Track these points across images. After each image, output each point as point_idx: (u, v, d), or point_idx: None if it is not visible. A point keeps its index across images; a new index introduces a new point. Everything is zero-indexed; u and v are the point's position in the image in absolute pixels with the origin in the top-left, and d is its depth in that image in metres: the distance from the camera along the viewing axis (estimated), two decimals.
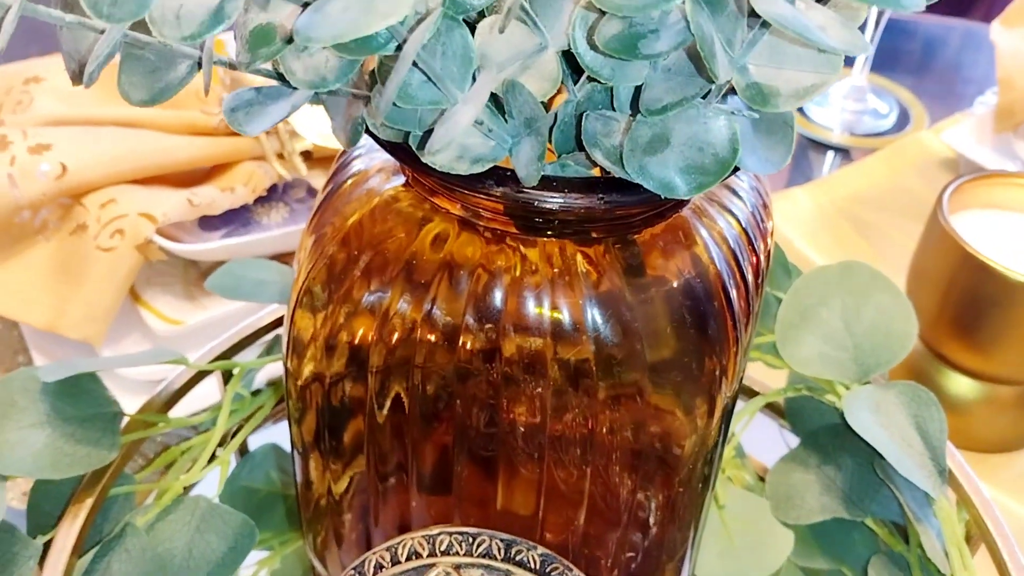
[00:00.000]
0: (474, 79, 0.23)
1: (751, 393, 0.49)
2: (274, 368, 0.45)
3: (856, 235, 0.66)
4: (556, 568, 0.31)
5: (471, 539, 0.31)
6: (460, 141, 0.24)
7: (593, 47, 0.23)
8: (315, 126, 0.55)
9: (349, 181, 0.32)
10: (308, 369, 0.34)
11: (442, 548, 0.31)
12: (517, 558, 0.31)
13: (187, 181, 0.52)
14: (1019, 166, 0.67)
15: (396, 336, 0.31)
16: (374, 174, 0.32)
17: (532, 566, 0.31)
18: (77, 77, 0.21)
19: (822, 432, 0.45)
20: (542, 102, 0.25)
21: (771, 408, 0.49)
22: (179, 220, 0.48)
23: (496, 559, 0.31)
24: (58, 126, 0.50)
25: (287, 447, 0.47)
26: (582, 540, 0.34)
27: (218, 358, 0.43)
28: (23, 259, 0.47)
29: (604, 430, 0.31)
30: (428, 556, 0.31)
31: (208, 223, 0.53)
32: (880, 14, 0.71)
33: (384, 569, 0.31)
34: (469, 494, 0.33)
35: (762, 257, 0.33)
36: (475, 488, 0.33)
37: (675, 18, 0.22)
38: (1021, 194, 0.51)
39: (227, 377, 0.43)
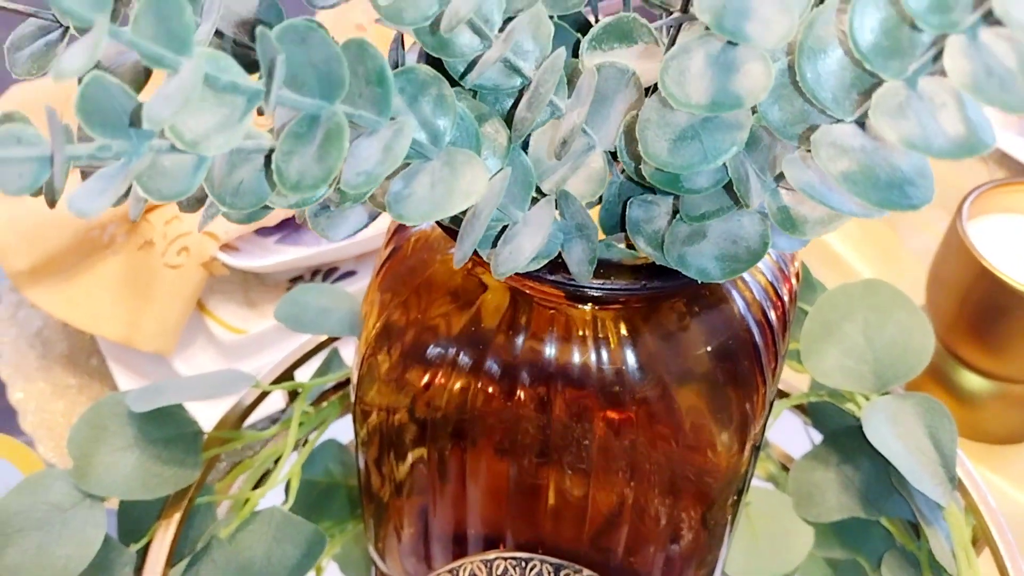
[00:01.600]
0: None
1: (779, 394, 0.52)
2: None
3: (882, 222, 0.68)
4: None
5: (524, 564, 0.35)
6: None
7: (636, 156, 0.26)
8: None
9: (412, 239, 0.35)
10: (375, 406, 0.37)
11: (498, 572, 0.35)
12: None
13: None
14: None
15: (458, 386, 0.34)
16: (435, 236, 0.35)
17: None
18: None
19: (842, 433, 0.49)
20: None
21: (795, 407, 0.52)
22: (239, 235, 0.51)
23: None
24: None
25: (343, 440, 0.51)
26: (623, 560, 0.37)
27: (282, 375, 0.46)
28: (94, 274, 0.51)
29: (643, 469, 0.34)
30: None
31: (263, 228, 0.56)
32: None
33: None
34: (521, 522, 0.37)
35: (786, 300, 0.36)
36: (527, 517, 0.37)
37: None
38: None
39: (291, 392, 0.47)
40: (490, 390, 0.33)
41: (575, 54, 0.30)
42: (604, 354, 0.32)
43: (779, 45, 0.18)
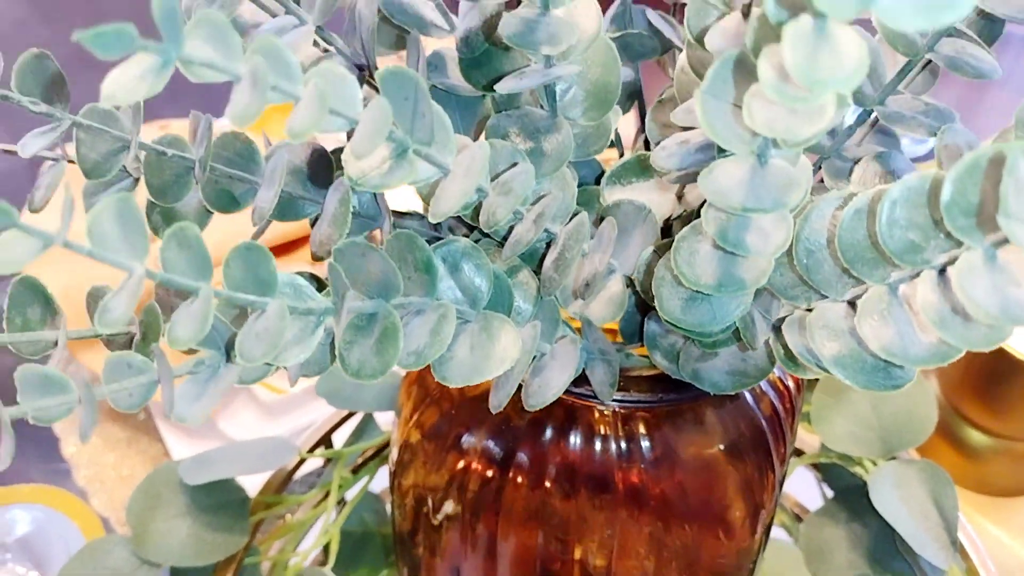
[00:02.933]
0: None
1: (794, 451, 0.55)
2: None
3: None
4: None
5: None
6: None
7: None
8: None
9: None
10: (412, 484, 0.40)
11: None
12: None
13: (277, 253, 0.58)
14: None
15: (490, 473, 0.37)
16: None
17: None
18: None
19: (851, 492, 0.51)
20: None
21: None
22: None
23: None
24: None
25: (376, 489, 0.54)
26: None
27: (321, 439, 0.49)
28: None
29: (662, 553, 0.37)
30: None
31: None
32: None
33: None
34: None
35: (793, 389, 0.39)
36: None
37: None
38: None
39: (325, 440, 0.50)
40: (519, 480, 0.36)
41: (597, 181, 0.33)
42: (624, 449, 0.35)
43: (776, 255, 0.21)
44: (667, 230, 0.32)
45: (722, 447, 0.35)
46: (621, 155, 0.38)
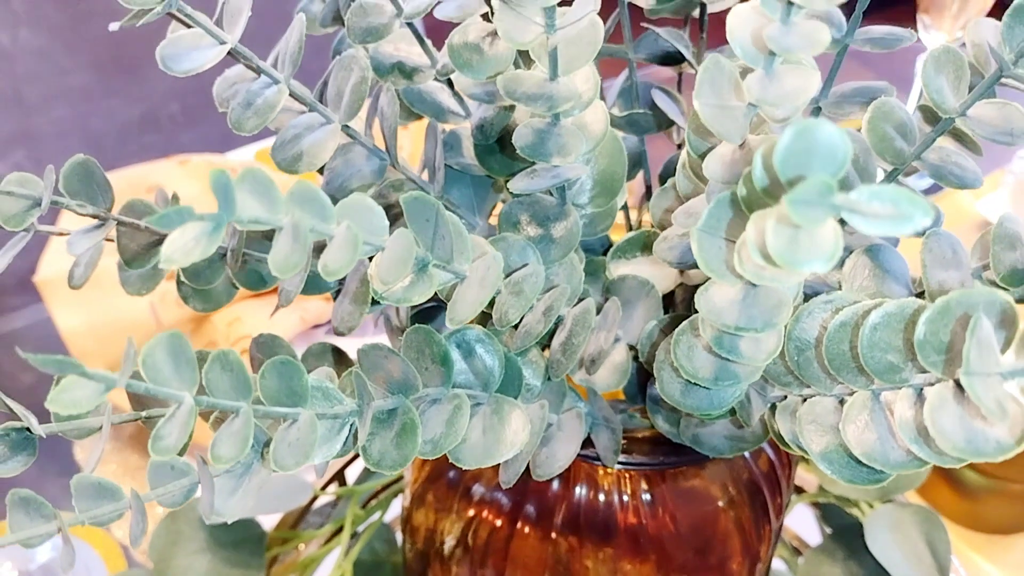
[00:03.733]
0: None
1: (794, 488, 0.56)
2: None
3: None
4: None
5: None
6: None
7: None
8: None
9: None
10: (423, 525, 0.42)
11: None
12: None
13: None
14: None
15: (499, 523, 0.39)
16: None
17: None
18: None
19: (848, 530, 0.53)
20: None
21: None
22: (294, 336, 0.56)
23: None
24: None
25: (387, 518, 0.56)
26: None
27: (335, 475, 0.51)
28: None
29: None
30: None
31: (318, 324, 0.61)
32: None
33: None
34: None
35: None
36: None
37: None
38: None
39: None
40: (527, 530, 0.38)
41: (604, 251, 0.34)
42: (627, 504, 0.37)
43: (767, 361, 0.22)
44: (669, 298, 0.34)
45: (720, 503, 0.37)
46: (628, 220, 0.40)
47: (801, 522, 0.57)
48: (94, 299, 0.56)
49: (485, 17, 0.28)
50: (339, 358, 0.31)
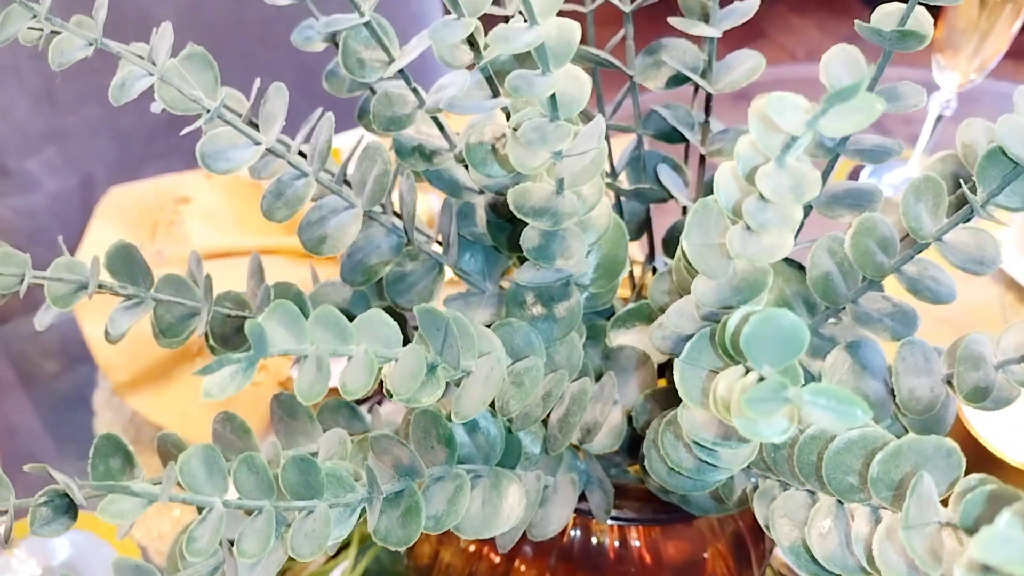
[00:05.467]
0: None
1: None
2: None
3: None
4: None
5: None
6: None
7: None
8: None
9: None
10: (425, 555, 0.44)
11: None
12: None
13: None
14: None
15: (497, 560, 0.41)
16: None
17: None
18: None
19: None
20: None
21: None
22: None
23: None
24: (208, 260, 0.60)
25: None
26: None
27: None
28: (183, 384, 0.58)
29: None
30: None
31: None
32: (937, 118, 0.76)
33: None
34: None
35: None
36: None
37: None
38: None
39: None
40: (523, 568, 0.40)
41: (607, 316, 0.36)
42: (617, 550, 0.39)
43: (743, 465, 0.24)
44: (664, 368, 0.36)
45: (705, 555, 0.39)
46: (632, 279, 0.42)
47: None
48: None
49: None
50: (352, 414, 0.34)
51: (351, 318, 0.33)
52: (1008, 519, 0.14)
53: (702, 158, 0.36)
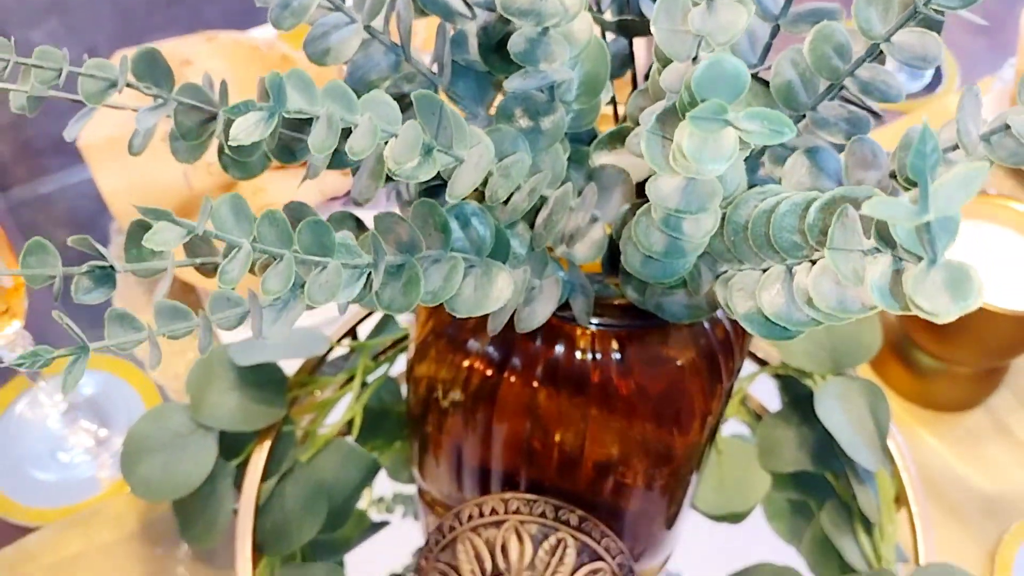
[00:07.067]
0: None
1: (758, 360, 0.62)
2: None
3: None
4: (588, 523, 0.47)
5: (531, 503, 0.47)
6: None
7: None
8: None
9: None
10: (425, 375, 0.48)
11: (512, 509, 0.47)
12: (563, 518, 0.47)
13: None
14: None
15: (489, 372, 0.45)
16: None
17: (572, 524, 0.46)
18: None
19: (803, 400, 0.59)
20: None
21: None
22: (314, 206, 0.61)
23: (548, 519, 0.46)
24: None
25: (393, 373, 0.62)
26: (609, 502, 0.49)
27: (348, 331, 0.57)
28: None
29: (626, 442, 0.45)
30: (503, 514, 0.47)
31: (334, 197, 0.66)
32: None
33: (472, 519, 0.47)
34: (532, 472, 0.48)
35: None
36: (536, 468, 0.48)
37: None
38: (1000, 210, 0.61)
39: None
40: (512, 379, 0.44)
41: (589, 142, 0.39)
42: (598, 359, 0.43)
43: (706, 238, 0.27)
44: (643, 187, 0.39)
45: (679, 363, 0.43)
46: (616, 115, 0.45)
47: (764, 392, 0.63)
48: (133, 165, 0.61)
49: None
50: (357, 224, 0.37)
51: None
52: None
53: None
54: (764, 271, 0.29)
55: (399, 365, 0.61)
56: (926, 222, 0.15)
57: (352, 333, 0.58)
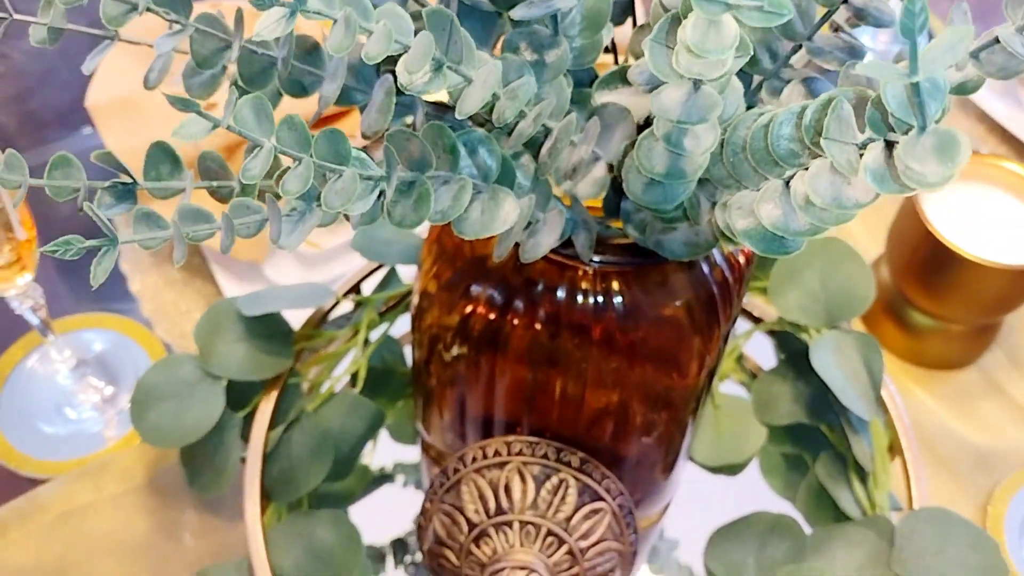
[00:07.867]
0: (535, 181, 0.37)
1: (753, 319, 0.63)
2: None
3: None
4: (589, 465, 0.48)
5: (534, 445, 0.48)
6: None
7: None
8: None
9: None
10: (429, 323, 0.49)
11: (515, 451, 0.48)
12: (564, 459, 0.48)
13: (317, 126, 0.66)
14: None
15: (492, 316, 0.46)
16: None
17: (574, 465, 0.48)
18: None
19: (798, 355, 0.60)
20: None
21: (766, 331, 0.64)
22: None
23: (549, 460, 0.48)
24: None
25: (396, 334, 0.64)
26: (609, 445, 0.50)
27: (353, 287, 0.58)
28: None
29: (625, 385, 0.46)
30: (506, 455, 0.48)
31: None
32: None
33: (476, 461, 0.48)
34: (534, 415, 0.49)
35: (743, 262, 0.47)
36: (538, 411, 0.49)
37: None
38: (992, 170, 0.62)
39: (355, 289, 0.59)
40: (515, 321, 0.45)
41: (591, 84, 0.40)
42: (600, 301, 0.44)
43: (706, 154, 0.29)
44: (644, 126, 0.40)
45: (678, 304, 0.44)
46: (616, 61, 0.46)
47: (759, 351, 0.64)
48: (140, 126, 0.62)
49: None
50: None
51: (361, 73, 0.36)
52: None
53: None
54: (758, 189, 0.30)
55: (400, 325, 0.62)
56: (915, 84, 0.16)
57: (356, 289, 0.59)
